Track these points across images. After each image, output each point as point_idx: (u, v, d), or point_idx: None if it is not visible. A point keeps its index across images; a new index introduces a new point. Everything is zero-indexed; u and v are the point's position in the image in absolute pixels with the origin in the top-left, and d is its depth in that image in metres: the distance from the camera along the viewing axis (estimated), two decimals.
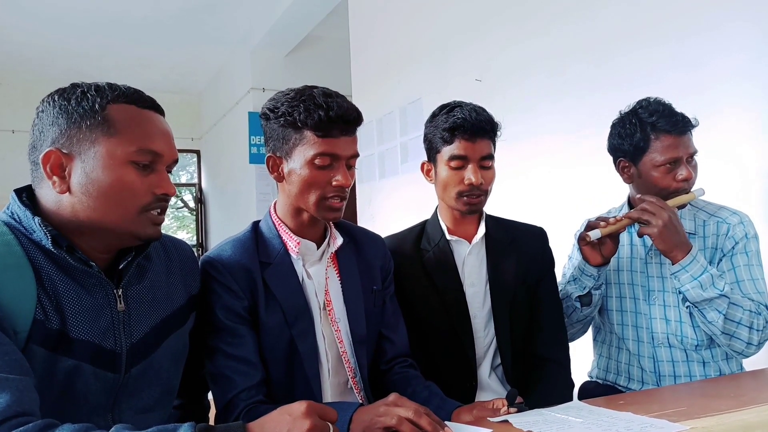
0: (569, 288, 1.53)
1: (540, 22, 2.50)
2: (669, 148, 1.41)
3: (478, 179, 1.36)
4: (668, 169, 1.42)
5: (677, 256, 1.34)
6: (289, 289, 1.20)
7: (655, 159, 1.43)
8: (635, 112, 1.47)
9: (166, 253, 1.11)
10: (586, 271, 1.47)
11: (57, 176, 0.92)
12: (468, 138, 1.36)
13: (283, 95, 1.18)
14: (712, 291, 1.32)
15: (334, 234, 1.27)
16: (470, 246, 1.45)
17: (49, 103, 0.94)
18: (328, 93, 1.16)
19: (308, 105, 1.13)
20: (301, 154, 1.15)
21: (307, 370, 1.19)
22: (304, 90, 1.17)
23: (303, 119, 1.13)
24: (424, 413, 0.93)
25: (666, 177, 1.43)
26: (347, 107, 1.16)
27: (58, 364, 0.90)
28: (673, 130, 1.41)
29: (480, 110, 1.39)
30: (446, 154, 1.38)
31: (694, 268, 1.33)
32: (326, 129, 1.13)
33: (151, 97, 1.01)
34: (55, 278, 0.91)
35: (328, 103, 1.13)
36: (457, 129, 1.36)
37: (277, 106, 1.17)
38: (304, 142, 1.15)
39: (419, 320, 1.42)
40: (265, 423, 0.81)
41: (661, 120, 1.42)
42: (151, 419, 0.98)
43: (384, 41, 3.75)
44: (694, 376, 1.46)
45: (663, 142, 1.42)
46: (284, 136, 1.17)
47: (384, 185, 3.71)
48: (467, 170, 1.37)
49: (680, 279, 1.35)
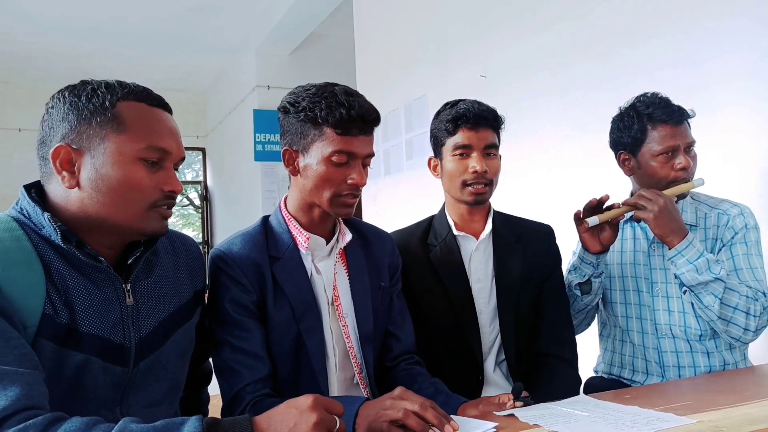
0: (570, 277, 1.54)
1: (543, 18, 2.49)
2: (666, 138, 1.44)
3: (482, 167, 1.38)
4: (667, 159, 1.45)
5: (673, 241, 1.36)
6: (297, 284, 1.21)
7: (653, 149, 1.46)
8: (633, 105, 1.51)
9: (173, 249, 1.12)
10: (585, 259, 1.49)
11: (66, 171, 0.93)
12: (471, 127, 1.39)
13: (304, 90, 1.18)
14: (707, 275, 1.33)
15: (343, 230, 1.28)
16: (477, 242, 1.46)
17: (59, 100, 0.95)
18: (350, 92, 1.17)
19: (330, 102, 1.14)
20: (319, 150, 1.16)
21: (314, 365, 1.20)
22: (326, 87, 1.18)
23: (324, 116, 1.14)
24: (429, 407, 0.93)
25: (665, 166, 1.45)
26: (368, 107, 1.17)
27: (68, 358, 0.90)
28: (669, 119, 1.44)
29: (482, 103, 1.43)
30: (450, 144, 1.42)
31: (690, 252, 1.35)
32: (346, 127, 1.14)
33: (159, 95, 1.01)
34: (64, 273, 0.91)
35: (349, 102, 1.14)
36: (460, 119, 1.39)
37: (297, 100, 1.17)
38: (323, 138, 1.15)
39: (425, 315, 1.43)
40: (272, 416, 0.82)
41: (657, 111, 1.45)
42: (158, 413, 0.99)
43: (388, 38, 3.75)
44: (698, 366, 1.46)
45: (660, 132, 1.45)
46: (303, 131, 1.17)
47: (389, 182, 3.71)
48: (471, 158, 1.39)
49: (676, 263, 1.36)
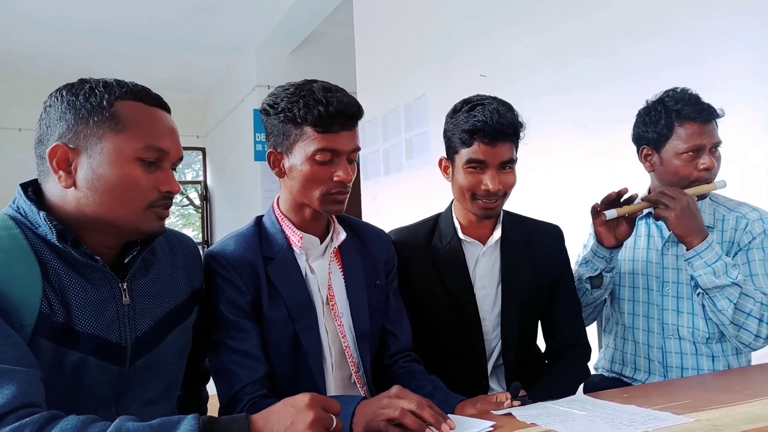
0: (580, 270, 1.52)
1: (545, 17, 2.49)
2: (692, 136, 1.40)
3: (495, 186, 1.30)
4: (691, 158, 1.41)
5: (693, 242, 1.33)
6: (292, 283, 1.21)
7: (678, 146, 1.42)
8: (661, 100, 1.47)
9: (170, 248, 1.12)
10: (598, 253, 1.46)
11: (63, 171, 0.93)
12: (488, 142, 1.29)
13: (283, 90, 1.17)
14: (724, 278, 1.31)
15: (337, 229, 1.27)
16: (484, 248, 1.42)
17: (57, 98, 0.95)
18: (328, 87, 1.15)
19: (308, 101, 1.12)
20: (302, 150, 1.14)
21: (310, 365, 1.20)
22: (304, 85, 1.16)
23: (303, 115, 1.12)
24: (426, 405, 0.93)
25: (688, 165, 1.42)
26: (347, 101, 1.14)
27: (65, 357, 0.90)
28: (698, 117, 1.40)
29: (503, 111, 1.30)
30: (464, 156, 1.32)
31: (709, 255, 1.32)
32: (326, 125, 1.12)
33: (158, 95, 1.01)
34: (60, 272, 0.91)
35: (327, 98, 1.12)
36: (476, 132, 1.29)
37: (276, 101, 1.16)
38: (304, 138, 1.14)
39: (427, 318, 1.42)
40: (269, 415, 0.82)
41: (686, 107, 1.41)
42: (155, 412, 0.98)
43: (389, 37, 3.75)
44: (702, 369, 1.45)
45: (687, 130, 1.41)
46: (284, 132, 1.16)
47: (388, 181, 3.71)
48: (485, 175, 1.31)
49: (694, 265, 1.34)
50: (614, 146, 2.05)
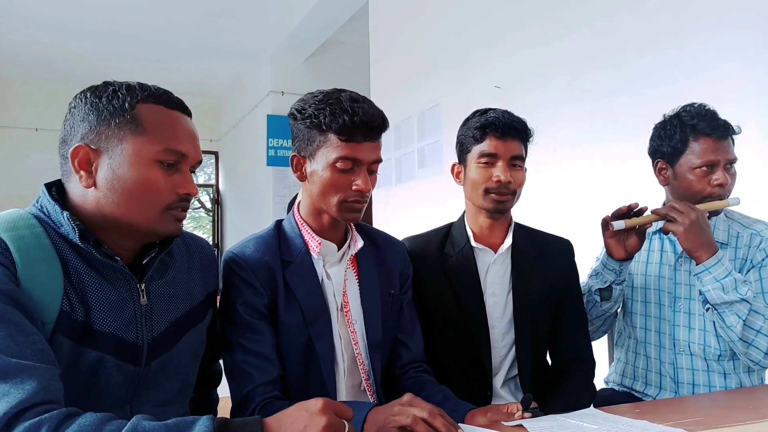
0: (590, 281, 1.52)
1: (558, 27, 2.50)
2: (707, 151, 1.40)
3: (506, 177, 1.36)
4: (705, 173, 1.41)
5: (702, 257, 1.33)
6: (308, 288, 1.22)
7: (692, 161, 1.42)
8: (678, 114, 1.47)
9: (187, 250, 1.13)
10: (608, 265, 1.47)
11: (84, 171, 0.94)
12: (499, 136, 1.37)
13: (312, 96, 1.20)
14: (733, 294, 1.31)
15: (355, 237, 1.29)
16: (495, 255, 1.44)
17: (81, 100, 0.96)
18: (355, 98, 1.18)
19: (334, 109, 1.14)
20: (324, 157, 1.17)
21: (322, 370, 1.20)
22: (332, 93, 1.18)
23: (328, 122, 1.14)
24: (438, 414, 0.93)
25: (701, 181, 1.41)
26: (372, 113, 1.16)
27: (83, 355, 0.91)
28: (713, 133, 1.40)
29: (513, 114, 1.42)
30: (476, 151, 1.40)
31: (718, 270, 1.32)
32: (350, 133, 1.14)
33: (179, 99, 1.03)
34: (81, 271, 0.93)
35: (353, 108, 1.14)
36: (488, 127, 1.38)
37: (304, 107, 1.19)
38: (327, 144, 1.16)
39: (436, 324, 1.42)
40: (282, 418, 0.82)
41: (702, 123, 1.41)
42: (169, 412, 0.99)
43: (403, 47, 3.77)
44: (714, 386, 1.44)
45: (701, 145, 1.41)
46: (309, 137, 1.18)
47: (400, 190, 3.71)
48: (496, 167, 1.38)
49: (702, 280, 1.34)
50: (628, 157, 2.05)
